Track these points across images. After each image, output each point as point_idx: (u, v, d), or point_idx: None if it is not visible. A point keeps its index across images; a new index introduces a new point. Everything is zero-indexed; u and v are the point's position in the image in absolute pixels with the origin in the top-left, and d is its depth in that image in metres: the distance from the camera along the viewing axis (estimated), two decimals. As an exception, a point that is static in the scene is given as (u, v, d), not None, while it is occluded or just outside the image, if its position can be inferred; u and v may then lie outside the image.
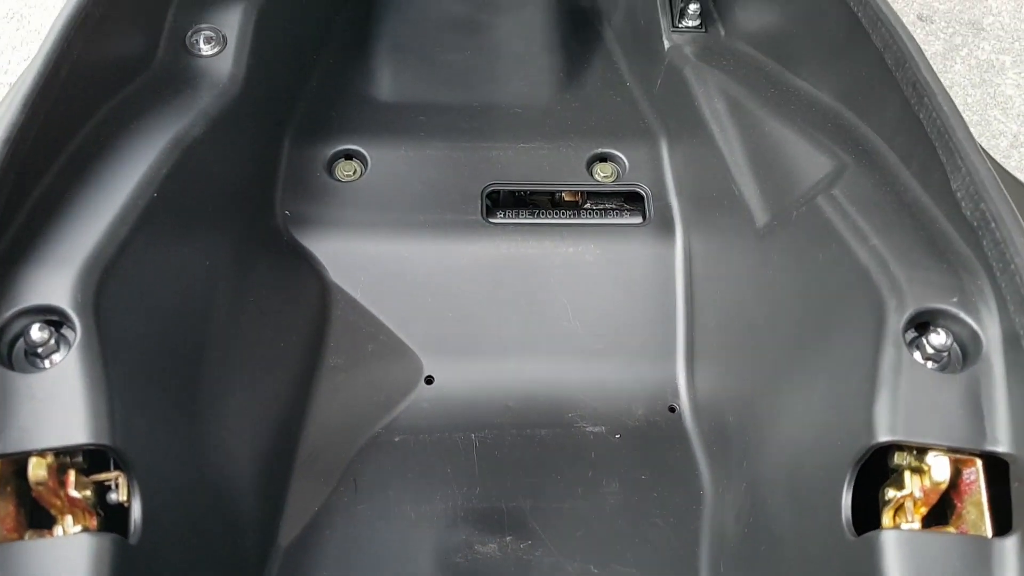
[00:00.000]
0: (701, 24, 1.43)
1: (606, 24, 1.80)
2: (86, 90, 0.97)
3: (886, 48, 0.96)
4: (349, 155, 1.42)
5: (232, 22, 1.25)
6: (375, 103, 1.51)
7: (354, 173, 1.40)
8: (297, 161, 1.39)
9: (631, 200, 1.41)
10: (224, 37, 1.22)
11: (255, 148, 1.30)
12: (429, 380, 1.28)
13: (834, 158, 1.00)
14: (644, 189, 1.38)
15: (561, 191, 1.40)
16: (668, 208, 1.36)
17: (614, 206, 1.40)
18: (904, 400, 0.75)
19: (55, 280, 0.78)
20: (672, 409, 1.27)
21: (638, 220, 1.37)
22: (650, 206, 1.37)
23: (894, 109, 0.96)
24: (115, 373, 0.77)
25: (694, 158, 1.32)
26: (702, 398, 1.24)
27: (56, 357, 0.75)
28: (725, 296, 1.20)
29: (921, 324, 0.80)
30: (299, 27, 1.51)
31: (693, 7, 1.42)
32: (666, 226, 1.34)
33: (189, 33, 1.21)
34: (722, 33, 1.42)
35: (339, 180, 1.39)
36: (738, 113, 1.19)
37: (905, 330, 0.79)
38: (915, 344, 0.79)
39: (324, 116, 1.46)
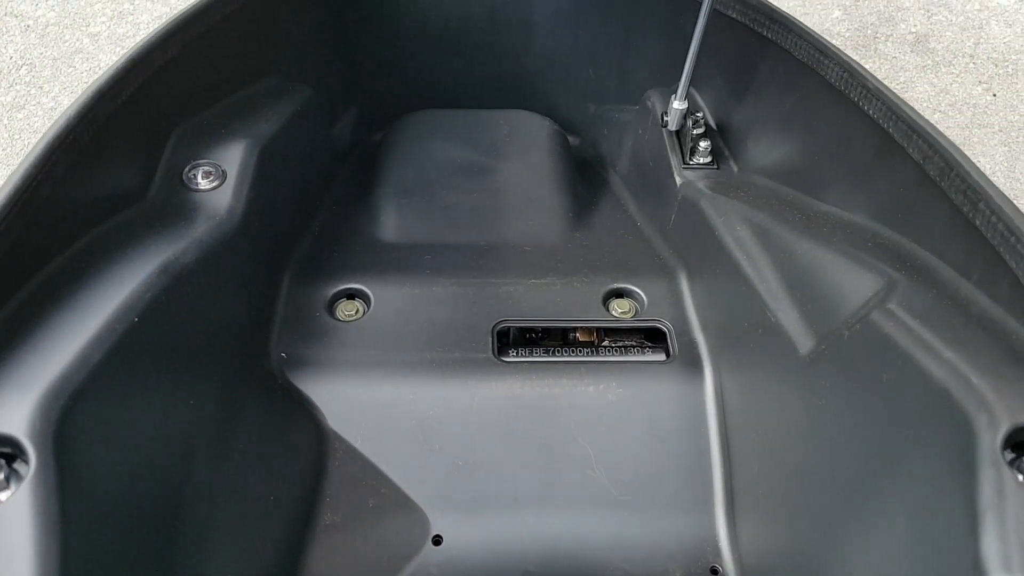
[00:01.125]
0: (712, 161, 1.41)
1: (611, 170, 1.79)
2: (68, 214, 0.91)
3: (926, 159, 0.92)
4: (351, 294, 1.34)
5: (233, 157, 1.21)
6: (379, 243, 1.46)
7: (356, 312, 1.31)
8: (296, 300, 1.31)
9: (652, 337, 1.32)
10: (224, 172, 1.17)
11: (252, 284, 1.22)
12: (437, 540, 1.13)
13: (881, 275, 0.92)
14: (666, 325, 1.30)
15: (577, 327, 1.31)
16: (693, 344, 1.27)
17: (634, 343, 1.31)
18: (1016, 530, 0.63)
19: (11, 406, 0.67)
20: (715, 571, 1.11)
21: (661, 357, 1.27)
22: (673, 342, 1.28)
23: (942, 220, 0.89)
24: (72, 516, 0.64)
25: (719, 290, 1.24)
26: (748, 556, 1.09)
27: (3, 495, 0.62)
28: (767, 435, 1.08)
29: (1018, 444, 0.69)
30: (303, 168, 1.48)
31: (704, 144, 1.40)
32: (693, 363, 1.25)
33: (187, 168, 1.17)
34: (735, 169, 1.40)
35: (340, 320, 1.30)
36: (765, 239, 1.13)
37: (1003, 449, 0.68)
38: (1016, 465, 0.68)
39: (326, 256, 1.40)
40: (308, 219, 1.47)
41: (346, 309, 1.31)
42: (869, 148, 1.05)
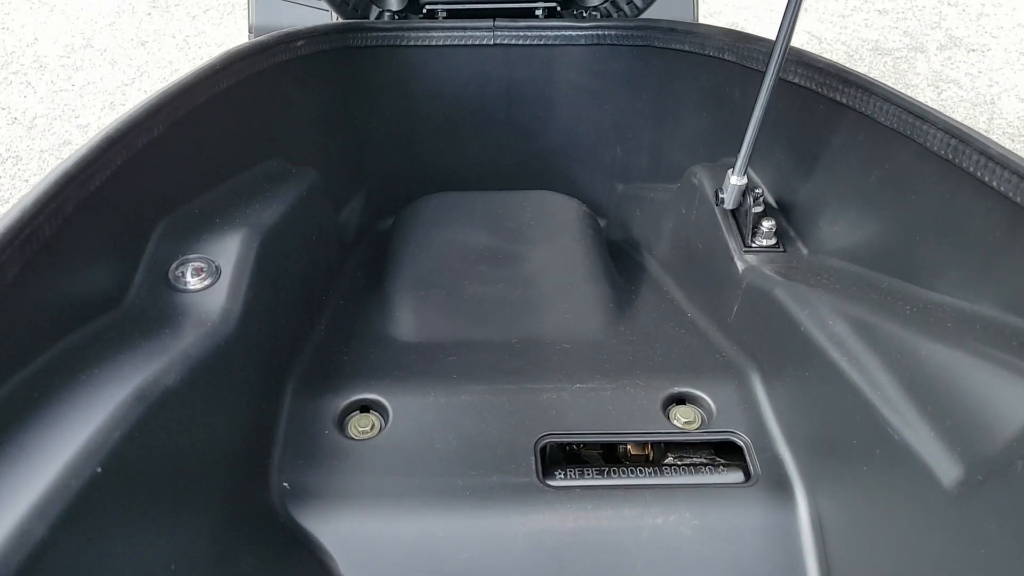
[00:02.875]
0: (777, 243, 1.24)
1: (646, 254, 1.62)
2: (21, 327, 0.71)
3: None
4: (365, 407, 1.13)
5: (228, 251, 1.03)
6: (396, 345, 1.26)
7: (371, 429, 1.10)
8: (301, 417, 1.10)
9: (724, 452, 1.11)
10: (217, 268, 0.99)
11: (249, 401, 1.01)
12: None
13: None
14: (741, 438, 1.09)
15: (633, 441, 1.11)
16: (778, 462, 1.06)
17: (704, 460, 1.10)
18: None
19: None
20: None
21: (740, 478, 1.06)
22: (753, 459, 1.07)
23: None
24: None
25: (809, 397, 1.04)
26: None
27: None
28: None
29: None
30: (308, 261, 1.30)
31: (767, 224, 1.22)
32: (780, 486, 1.03)
33: (175, 264, 0.98)
34: (804, 252, 1.22)
35: (353, 438, 1.09)
36: (871, 337, 0.94)
37: None
38: None
39: (335, 361, 1.20)
40: (314, 318, 1.28)
41: (360, 425, 1.11)
42: (995, 226, 0.87)
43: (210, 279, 0.97)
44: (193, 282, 0.96)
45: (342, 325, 1.29)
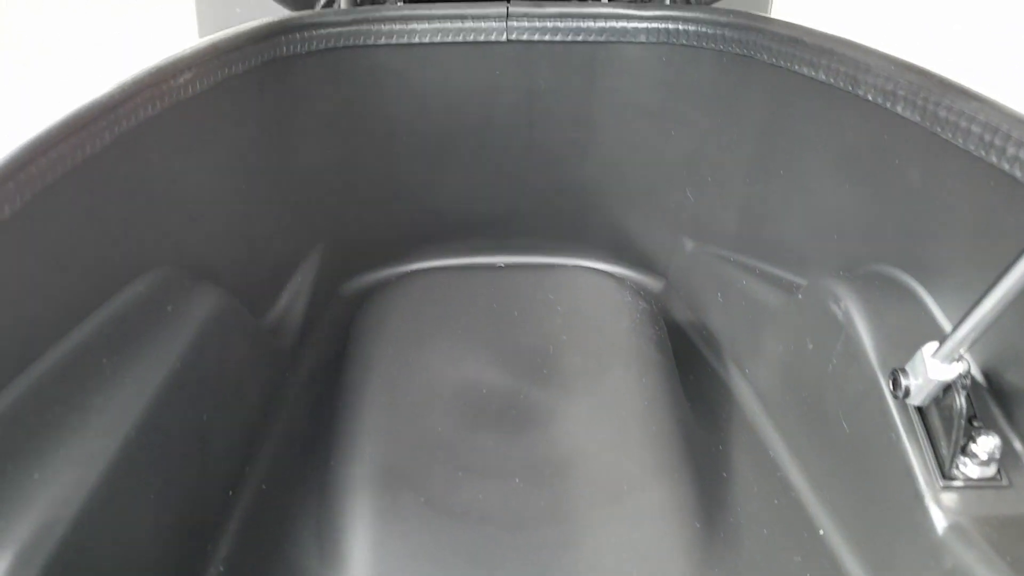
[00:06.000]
0: (998, 473, 0.71)
1: (732, 367, 1.08)
2: None
3: None
4: None
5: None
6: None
7: None
8: None
9: None
10: None
11: None
12: None
13: None
14: None
15: None
16: None
17: None
18: None
19: None
20: None
21: None
22: None
23: None
24: None
25: None
26: None
27: None
28: None
29: None
30: (184, 496, 0.77)
31: (988, 444, 0.69)
32: None
33: None
34: (1046, 492, 0.69)
35: None
36: None
37: None
38: None
39: None
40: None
41: None
42: None
43: None
44: None
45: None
